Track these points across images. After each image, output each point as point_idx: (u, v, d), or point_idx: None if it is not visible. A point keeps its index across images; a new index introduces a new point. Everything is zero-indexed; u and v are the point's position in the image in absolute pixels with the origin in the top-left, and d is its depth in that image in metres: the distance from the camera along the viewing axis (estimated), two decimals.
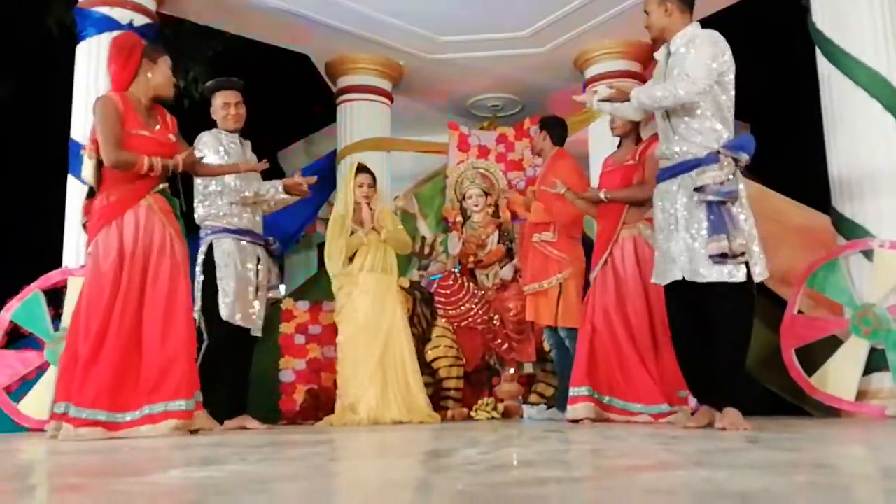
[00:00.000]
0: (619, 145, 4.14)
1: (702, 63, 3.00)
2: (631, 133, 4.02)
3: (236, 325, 3.93)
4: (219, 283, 3.93)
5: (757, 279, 3.03)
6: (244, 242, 4.05)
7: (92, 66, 4.89)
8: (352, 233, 4.62)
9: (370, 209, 4.68)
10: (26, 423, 4.31)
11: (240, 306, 3.95)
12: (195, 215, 4.08)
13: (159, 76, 3.40)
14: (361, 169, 4.74)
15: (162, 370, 3.13)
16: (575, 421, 3.76)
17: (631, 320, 3.79)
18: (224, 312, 3.92)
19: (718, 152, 2.99)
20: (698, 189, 2.97)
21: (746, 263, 2.95)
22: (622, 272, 3.87)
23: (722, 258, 2.92)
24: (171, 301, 3.20)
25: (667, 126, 3.16)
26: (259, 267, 4.10)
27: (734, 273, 2.94)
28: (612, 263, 3.91)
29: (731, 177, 2.95)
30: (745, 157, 2.99)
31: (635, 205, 3.85)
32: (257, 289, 4.08)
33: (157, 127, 3.38)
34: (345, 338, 4.61)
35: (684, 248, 3.03)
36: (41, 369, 4.43)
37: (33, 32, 6.83)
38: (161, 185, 3.35)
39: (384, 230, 4.62)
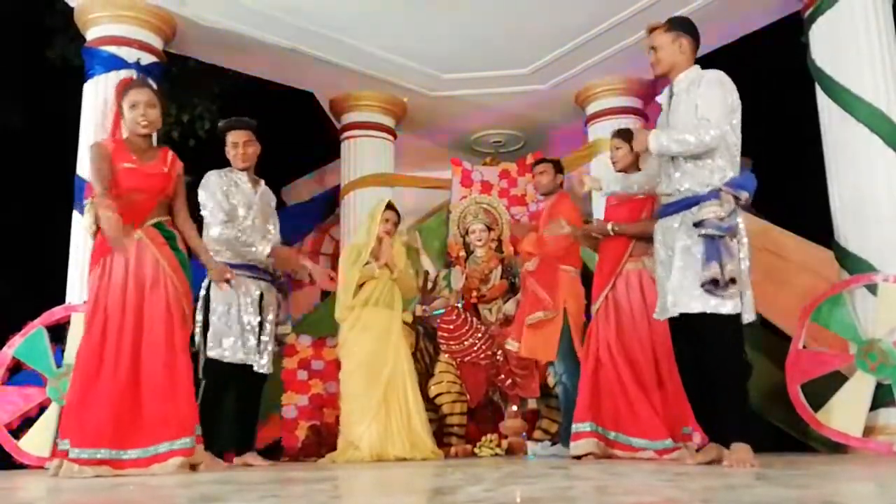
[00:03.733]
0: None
1: (716, 105, 3.03)
2: (632, 167, 4.05)
3: (230, 362, 3.89)
4: (210, 317, 3.91)
5: (745, 321, 3.03)
6: (243, 277, 4.01)
7: (99, 103, 4.95)
8: (366, 263, 4.64)
9: (390, 246, 4.69)
10: (26, 460, 4.28)
11: (230, 343, 3.89)
12: None
13: (126, 111, 3.40)
14: (390, 206, 4.79)
15: (164, 409, 3.11)
16: (578, 457, 3.72)
17: (634, 355, 3.77)
18: (211, 351, 3.86)
19: (720, 189, 3.01)
20: (698, 224, 2.99)
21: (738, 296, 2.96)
22: (626, 305, 3.86)
23: (713, 285, 2.92)
24: (168, 337, 3.18)
25: (670, 164, 3.17)
26: (264, 302, 4.08)
27: (720, 306, 2.94)
28: (615, 297, 3.90)
29: (730, 213, 2.97)
30: (745, 196, 3.00)
31: (642, 239, 3.85)
32: (261, 325, 4.04)
33: (152, 161, 3.36)
34: (347, 373, 4.59)
35: (677, 282, 3.03)
36: (43, 406, 4.41)
37: (43, 65, 6.92)
38: (156, 218, 3.32)
39: (397, 269, 4.63)
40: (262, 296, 4.07)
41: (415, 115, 7.00)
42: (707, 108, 3.03)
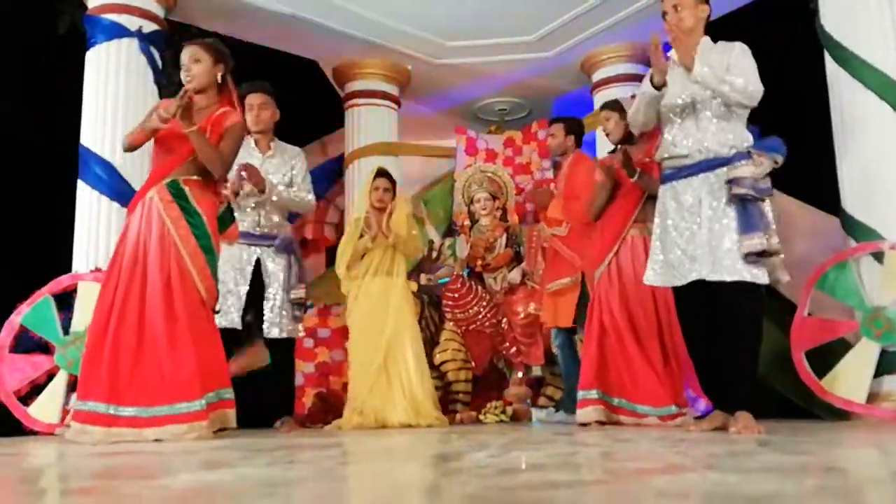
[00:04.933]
0: (614, 150, 4.10)
1: (754, 72, 3.01)
2: (625, 136, 3.97)
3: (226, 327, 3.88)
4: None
5: (784, 281, 3.04)
6: (238, 247, 4.01)
7: (101, 72, 4.92)
8: (360, 237, 4.64)
9: (385, 213, 4.65)
10: (37, 426, 4.33)
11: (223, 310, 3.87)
12: None
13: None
14: (380, 173, 4.73)
15: (161, 370, 3.04)
16: (585, 424, 3.74)
17: (637, 321, 3.76)
18: None
19: (749, 152, 2.97)
20: (731, 181, 2.93)
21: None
22: (629, 272, 3.83)
23: (759, 256, 2.89)
24: (166, 297, 3.11)
25: (690, 124, 3.10)
26: (267, 269, 4.06)
27: (759, 275, 2.92)
28: (618, 262, 3.87)
29: (764, 176, 2.94)
30: (781, 159, 2.97)
31: (649, 203, 3.81)
32: (260, 292, 4.02)
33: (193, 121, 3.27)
34: (351, 342, 4.65)
35: (707, 248, 2.99)
36: (51, 373, 4.45)
37: (44, 35, 6.87)
38: (171, 177, 3.24)
39: (392, 234, 4.61)
40: (258, 262, 4.06)
41: (419, 84, 6.94)
42: (750, 74, 3.01)
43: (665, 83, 3.09)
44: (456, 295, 5.06)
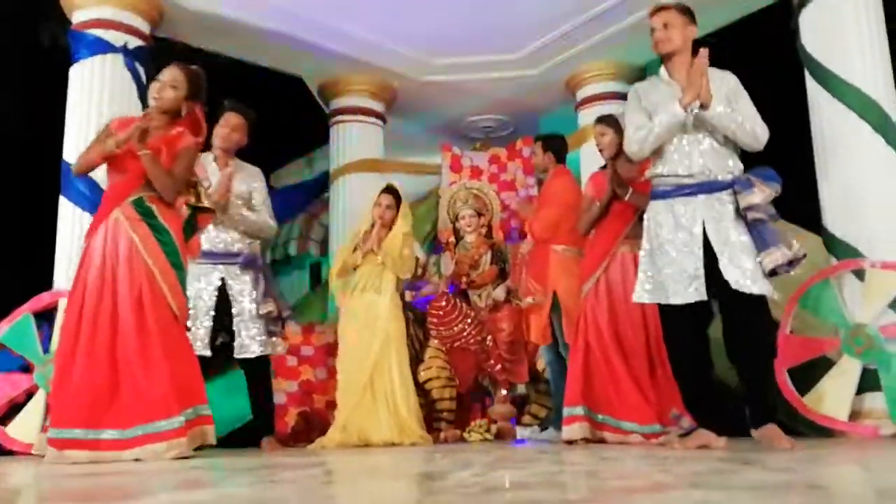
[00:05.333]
0: (605, 167, 4.10)
1: (757, 115, 3.07)
2: (620, 155, 3.98)
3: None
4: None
5: (774, 297, 3.09)
6: (198, 266, 3.93)
7: (85, 88, 4.89)
8: (354, 250, 4.65)
9: (385, 230, 4.66)
10: (14, 446, 4.26)
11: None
12: None
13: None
14: (386, 189, 4.76)
15: (136, 390, 3.00)
16: (570, 441, 3.73)
17: (625, 337, 3.76)
18: None
19: (748, 179, 3.01)
20: (749, 208, 2.97)
21: None
22: (619, 289, 3.82)
23: (789, 266, 2.94)
24: (137, 316, 3.07)
25: (690, 144, 3.07)
26: (231, 290, 3.96)
27: (771, 289, 2.97)
28: (607, 279, 3.87)
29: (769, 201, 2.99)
30: (779, 189, 3.02)
31: (641, 220, 3.82)
32: (227, 312, 3.96)
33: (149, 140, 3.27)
34: (339, 358, 4.65)
35: (726, 260, 2.98)
36: (30, 392, 4.39)
37: (28, 49, 6.84)
38: (135, 195, 3.22)
39: (382, 253, 4.60)
40: (223, 282, 3.98)
41: (405, 100, 6.96)
42: (753, 112, 3.06)
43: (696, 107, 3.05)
44: (441, 312, 5.05)
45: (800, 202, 4.80)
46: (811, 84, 4.55)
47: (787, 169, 3.19)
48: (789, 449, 2.67)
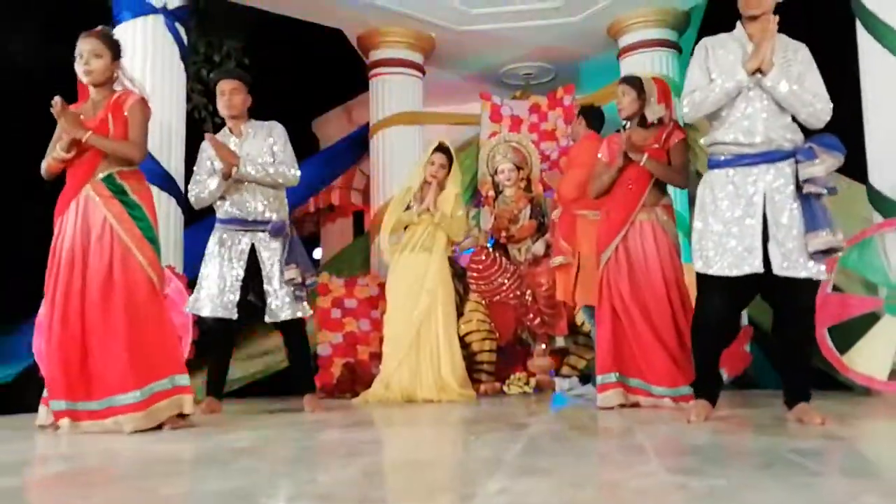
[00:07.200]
0: (624, 127, 4.01)
1: (825, 91, 2.93)
2: (638, 115, 3.84)
3: (214, 316, 3.90)
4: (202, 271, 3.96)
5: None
6: (229, 232, 3.95)
7: (127, 50, 4.90)
8: (407, 208, 4.68)
9: (438, 189, 4.66)
10: None
11: (209, 298, 3.88)
12: None
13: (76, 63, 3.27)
14: (439, 148, 4.74)
15: (105, 362, 3.05)
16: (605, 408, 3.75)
17: (648, 304, 3.72)
18: (187, 305, 4.01)
19: (810, 148, 2.87)
20: (808, 181, 2.83)
21: None
22: (639, 256, 3.77)
23: (826, 253, 2.84)
24: (105, 289, 3.08)
25: (753, 110, 2.94)
26: (261, 256, 3.95)
27: (822, 272, 2.89)
28: (626, 246, 3.80)
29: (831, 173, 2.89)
30: (843, 158, 2.91)
31: (656, 188, 3.80)
32: (257, 277, 3.94)
33: (98, 112, 3.21)
34: (386, 315, 4.74)
35: (773, 241, 2.88)
36: None
37: (71, 12, 6.89)
38: (105, 172, 3.17)
39: (439, 213, 4.63)
40: (253, 248, 3.97)
41: (443, 51, 6.90)
42: (820, 89, 2.92)
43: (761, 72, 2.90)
44: (480, 266, 5.10)
45: (846, 154, 4.70)
46: (863, 35, 4.40)
47: (834, 120, 3.07)
48: (820, 424, 2.69)
